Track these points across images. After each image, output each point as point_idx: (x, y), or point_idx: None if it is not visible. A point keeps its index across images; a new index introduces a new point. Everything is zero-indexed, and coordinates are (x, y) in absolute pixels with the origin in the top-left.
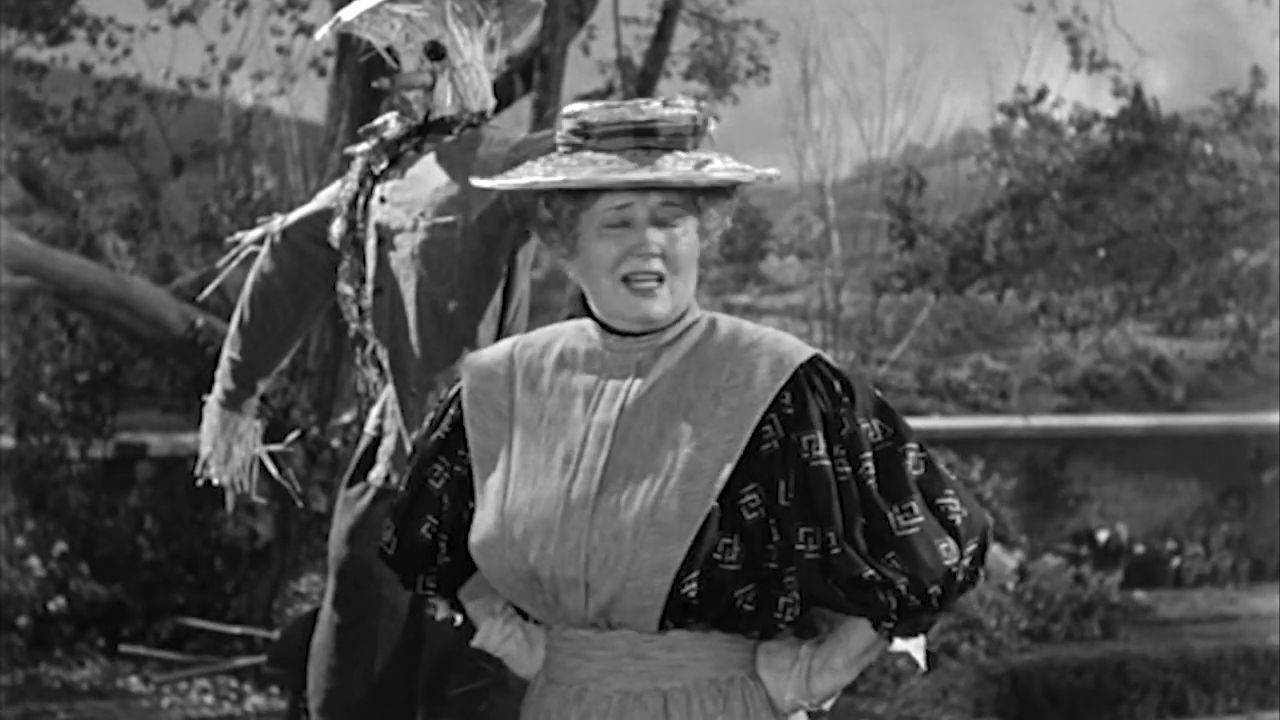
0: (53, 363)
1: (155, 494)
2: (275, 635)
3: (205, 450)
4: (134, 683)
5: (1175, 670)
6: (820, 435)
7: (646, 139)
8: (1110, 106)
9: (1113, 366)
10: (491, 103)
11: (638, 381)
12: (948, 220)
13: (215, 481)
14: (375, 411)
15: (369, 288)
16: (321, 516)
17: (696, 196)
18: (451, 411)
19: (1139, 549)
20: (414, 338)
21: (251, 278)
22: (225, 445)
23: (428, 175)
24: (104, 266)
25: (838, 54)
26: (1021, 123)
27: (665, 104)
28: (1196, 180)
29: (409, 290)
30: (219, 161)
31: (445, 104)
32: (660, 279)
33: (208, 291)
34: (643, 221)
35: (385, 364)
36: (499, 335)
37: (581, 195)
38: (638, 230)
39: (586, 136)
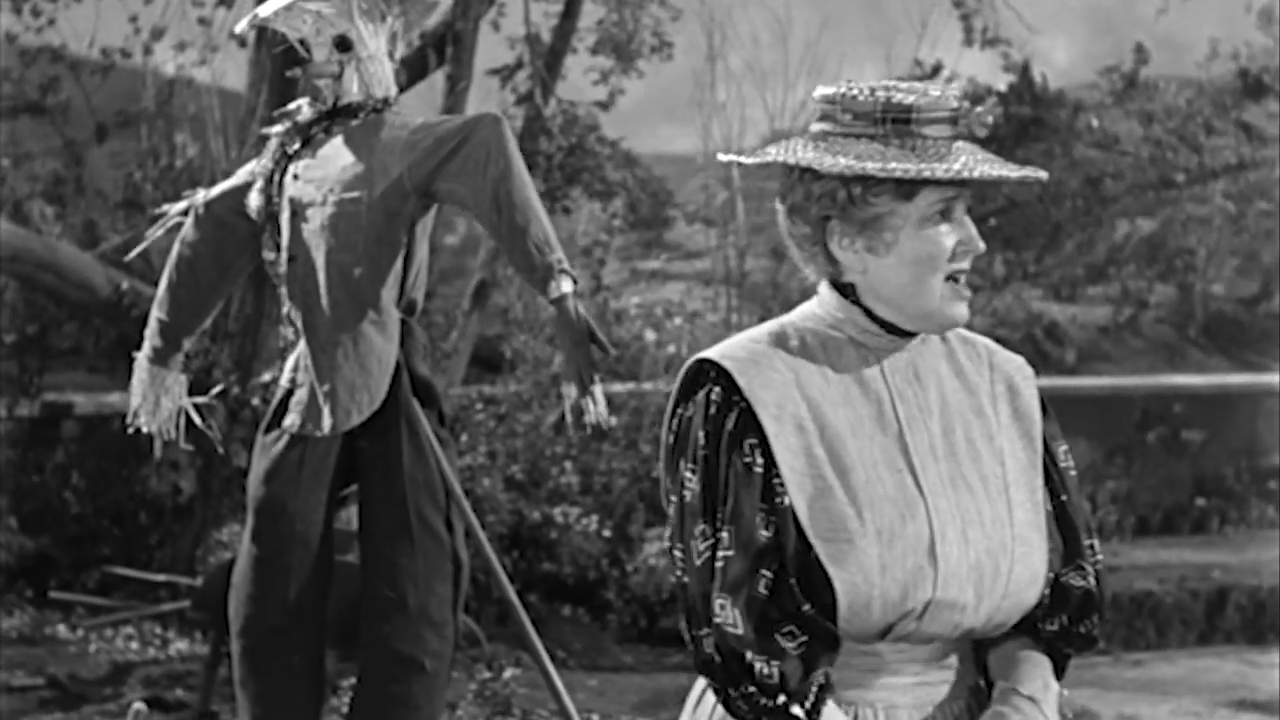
0: None
1: (81, 451)
2: (198, 582)
3: (136, 402)
4: (61, 630)
5: None
6: (1065, 444)
7: (957, 126)
8: (1003, 82)
9: (1008, 330)
10: (394, 90)
11: (927, 387)
12: None
13: (145, 430)
14: (289, 366)
15: (285, 255)
16: (242, 472)
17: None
18: (748, 440)
19: None
20: (324, 300)
21: (177, 246)
22: (154, 397)
23: (336, 155)
24: (31, 232)
25: (742, 29)
26: None
27: (954, 88)
28: (1081, 153)
29: (319, 258)
30: (142, 129)
31: (352, 91)
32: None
33: (133, 254)
34: (962, 215)
35: (299, 323)
36: (400, 298)
37: (906, 186)
38: (964, 225)
39: (908, 122)
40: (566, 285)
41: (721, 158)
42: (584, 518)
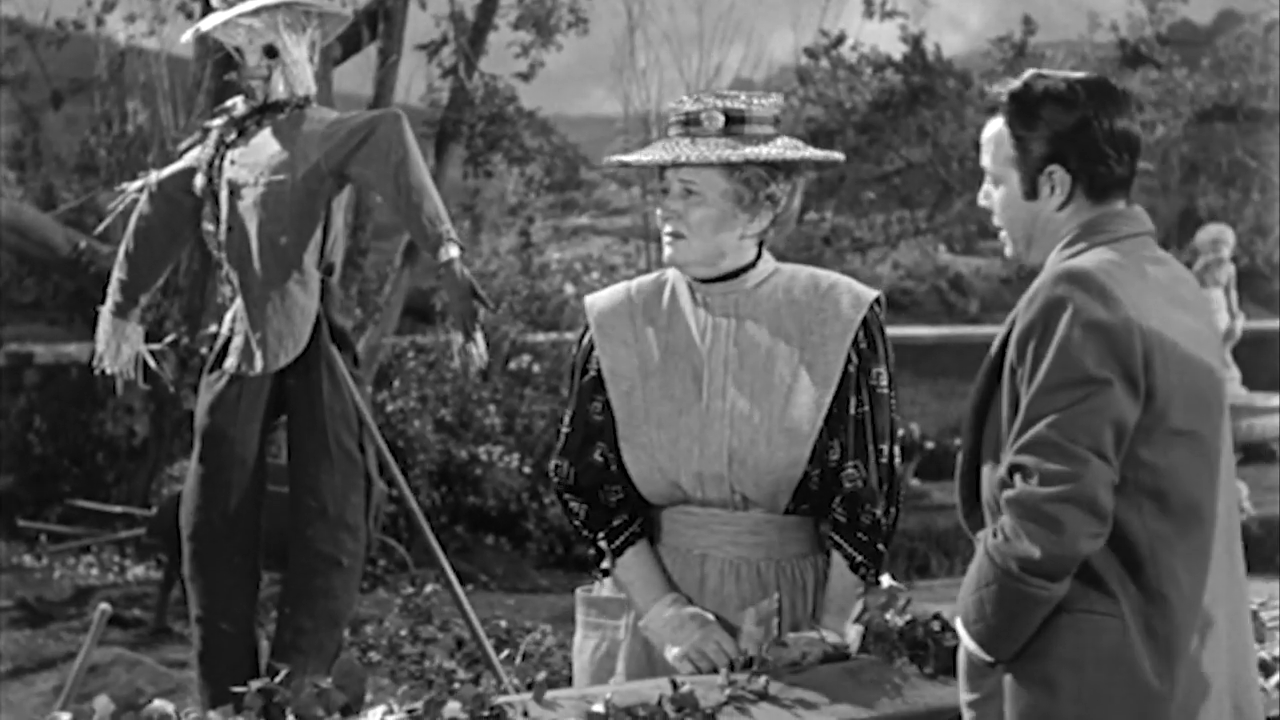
0: None
1: (42, 397)
2: (152, 512)
3: (100, 349)
4: (28, 560)
5: (920, 539)
6: (884, 369)
7: (689, 127)
8: (899, 52)
9: (915, 282)
10: (314, 90)
11: (742, 318)
12: None
13: (108, 372)
14: (228, 318)
15: (224, 227)
16: (191, 415)
17: (732, 171)
18: (594, 353)
19: (930, 445)
20: (256, 263)
21: (134, 218)
22: (115, 345)
23: (265, 144)
24: None
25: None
26: (825, 64)
27: (696, 99)
28: (972, 118)
29: (252, 229)
30: (95, 96)
31: (279, 91)
32: (678, 235)
33: (101, 228)
34: (672, 191)
35: (236, 282)
36: (320, 261)
37: (659, 170)
38: (664, 197)
39: (669, 126)
40: (454, 251)
41: (607, 160)
42: (506, 456)
